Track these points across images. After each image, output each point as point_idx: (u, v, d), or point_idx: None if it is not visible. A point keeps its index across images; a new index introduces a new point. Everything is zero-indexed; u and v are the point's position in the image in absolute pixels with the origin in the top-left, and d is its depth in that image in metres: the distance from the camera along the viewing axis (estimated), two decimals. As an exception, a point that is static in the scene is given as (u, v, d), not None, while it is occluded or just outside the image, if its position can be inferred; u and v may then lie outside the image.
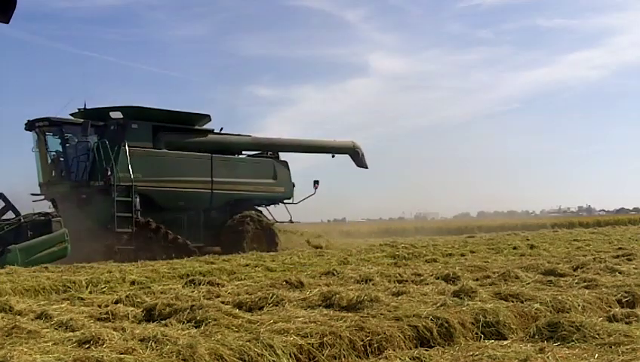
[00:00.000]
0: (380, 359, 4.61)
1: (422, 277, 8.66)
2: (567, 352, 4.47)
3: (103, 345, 4.54)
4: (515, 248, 15.46)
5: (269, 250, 16.08)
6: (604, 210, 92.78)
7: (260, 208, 18.81)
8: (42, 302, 7.38)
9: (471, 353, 4.48)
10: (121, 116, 15.94)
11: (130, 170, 15.43)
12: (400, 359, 4.48)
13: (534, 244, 16.72)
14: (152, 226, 15.60)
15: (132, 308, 6.57)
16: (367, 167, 21.18)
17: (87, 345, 4.55)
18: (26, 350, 4.39)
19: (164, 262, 13.01)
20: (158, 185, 16.22)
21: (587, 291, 6.95)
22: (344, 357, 4.67)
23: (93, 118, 15.80)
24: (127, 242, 15.09)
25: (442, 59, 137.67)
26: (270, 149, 19.27)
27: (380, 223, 54.98)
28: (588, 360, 4.32)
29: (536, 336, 5.00)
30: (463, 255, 14.00)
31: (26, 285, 8.70)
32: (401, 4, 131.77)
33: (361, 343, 4.81)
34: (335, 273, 9.29)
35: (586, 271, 9.03)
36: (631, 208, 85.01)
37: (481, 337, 5.17)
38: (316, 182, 19.42)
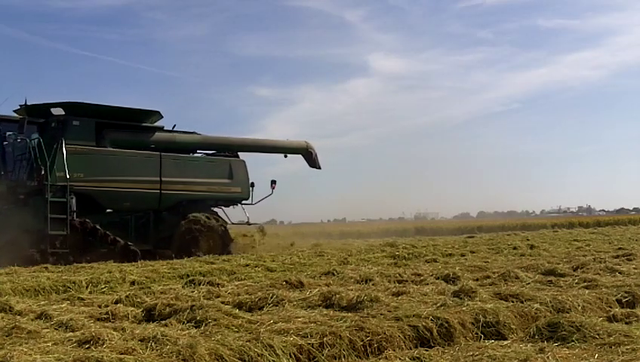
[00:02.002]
0: (379, 359, 4.61)
1: (422, 278, 8.66)
2: (567, 352, 4.47)
3: (103, 345, 4.53)
4: (515, 248, 15.45)
5: (222, 253, 15.33)
6: (604, 210, 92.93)
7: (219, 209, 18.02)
8: (42, 302, 7.38)
9: (471, 353, 4.48)
10: (63, 113, 15.15)
11: (66, 169, 14.51)
12: (400, 359, 4.48)
13: (534, 244, 16.71)
14: (89, 228, 14.70)
15: (132, 308, 6.58)
16: (320, 168, 20.48)
17: (87, 345, 4.55)
18: (26, 350, 4.40)
19: (164, 262, 13.01)
20: (101, 185, 15.36)
21: (587, 291, 6.95)
22: (344, 357, 4.67)
23: (36, 114, 15.12)
24: (61, 245, 14.20)
25: (442, 59, 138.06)
26: (221, 148, 18.40)
27: (380, 223, 55.03)
28: (588, 361, 4.31)
29: (536, 336, 5.00)
30: (463, 255, 14.00)
31: (26, 285, 8.70)
32: (401, 4, 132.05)
33: (361, 343, 4.81)
34: (335, 273, 9.29)
35: (586, 271, 9.03)
36: (631, 208, 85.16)
37: (481, 337, 5.17)
38: (273, 182, 18.66)
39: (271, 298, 6.54)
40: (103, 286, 9.09)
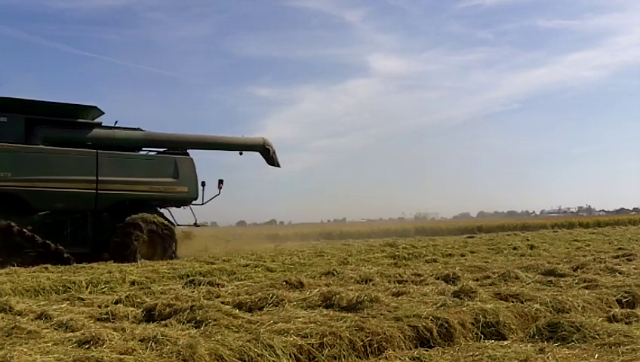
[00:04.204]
0: (379, 359, 4.61)
1: (422, 278, 8.66)
2: (567, 352, 4.47)
3: (103, 345, 4.54)
4: (515, 248, 15.47)
5: (164, 257, 14.65)
6: (604, 210, 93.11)
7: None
8: (42, 302, 7.38)
9: (471, 353, 4.48)
10: None
11: None
12: (400, 359, 4.49)
13: (534, 245, 16.72)
14: (14, 231, 13.77)
15: (132, 309, 6.58)
16: (279, 166, 19.38)
17: (87, 346, 4.56)
18: (26, 350, 4.40)
19: (164, 262, 13.02)
20: (31, 185, 14.42)
21: (587, 291, 6.95)
22: (344, 357, 4.67)
23: None
24: None
25: (442, 59, 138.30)
26: (168, 146, 17.38)
27: (380, 223, 55.11)
28: (588, 361, 4.32)
29: (536, 336, 5.01)
30: (463, 255, 14.00)
31: (26, 285, 8.71)
32: (401, 4, 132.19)
33: (361, 343, 4.81)
34: (335, 273, 9.29)
35: (586, 271, 9.03)
36: (631, 208, 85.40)
37: (481, 337, 5.18)
38: (220, 182, 17.66)
39: (271, 298, 6.54)
40: (103, 286, 9.10)
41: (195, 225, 17.56)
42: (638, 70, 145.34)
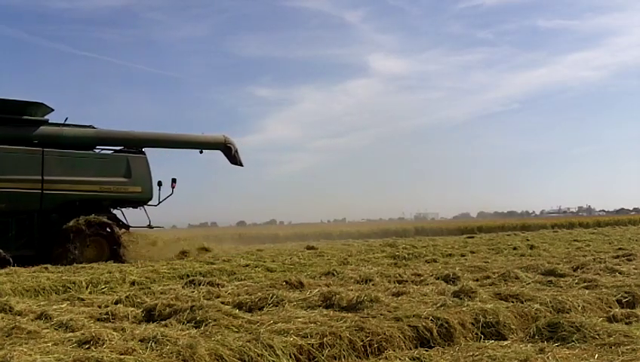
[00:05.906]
0: (379, 359, 4.61)
1: (422, 278, 8.66)
2: (567, 352, 4.47)
3: (103, 345, 4.54)
4: (515, 248, 15.47)
5: (111, 260, 14.00)
6: (604, 211, 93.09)
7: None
8: (42, 303, 7.39)
9: (471, 353, 4.48)
10: None
11: None
12: (400, 359, 4.48)
13: (534, 245, 16.72)
14: None
15: (132, 309, 6.58)
16: (242, 165, 18.50)
17: (87, 346, 4.56)
18: (26, 350, 4.40)
19: (164, 262, 13.01)
20: None
21: (587, 291, 6.95)
22: (344, 357, 4.67)
23: None
24: None
25: (442, 59, 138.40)
26: (122, 144, 16.48)
27: (380, 223, 55.13)
28: (588, 361, 4.32)
29: (536, 337, 5.01)
30: (463, 255, 14.00)
31: (26, 285, 8.72)
32: (401, 4, 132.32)
33: (361, 343, 4.81)
34: (335, 273, 9.29)
35: (586, 271, 9.03)
36: (631, 208, 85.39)
37: (481, 337, 5.18)
38: (173, 181, 16.70)
39: (271, 298, 6.54)
40: (103, 287, 9.10)
41: (149, 226, 16.62)
42: (638, 70, 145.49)
